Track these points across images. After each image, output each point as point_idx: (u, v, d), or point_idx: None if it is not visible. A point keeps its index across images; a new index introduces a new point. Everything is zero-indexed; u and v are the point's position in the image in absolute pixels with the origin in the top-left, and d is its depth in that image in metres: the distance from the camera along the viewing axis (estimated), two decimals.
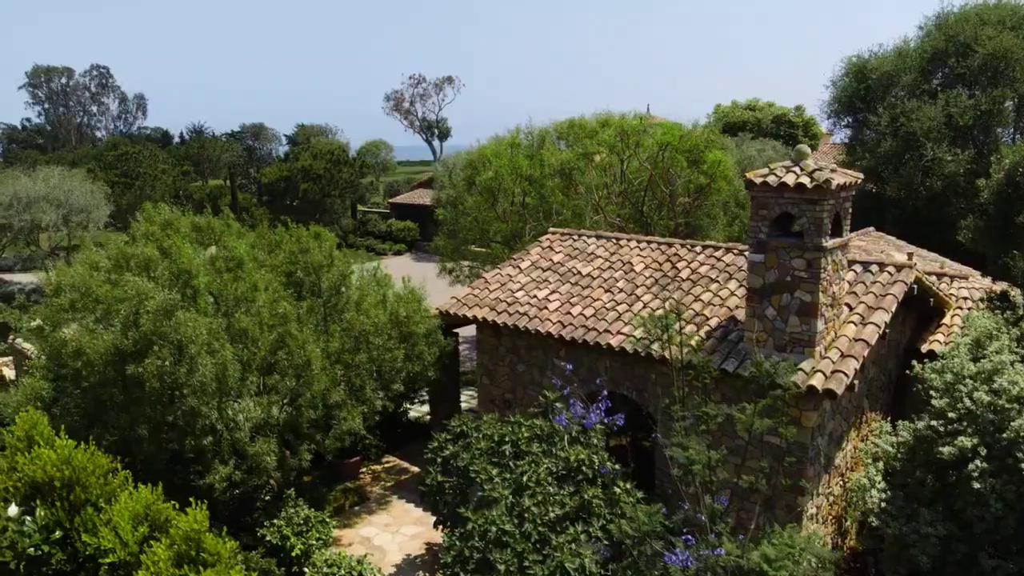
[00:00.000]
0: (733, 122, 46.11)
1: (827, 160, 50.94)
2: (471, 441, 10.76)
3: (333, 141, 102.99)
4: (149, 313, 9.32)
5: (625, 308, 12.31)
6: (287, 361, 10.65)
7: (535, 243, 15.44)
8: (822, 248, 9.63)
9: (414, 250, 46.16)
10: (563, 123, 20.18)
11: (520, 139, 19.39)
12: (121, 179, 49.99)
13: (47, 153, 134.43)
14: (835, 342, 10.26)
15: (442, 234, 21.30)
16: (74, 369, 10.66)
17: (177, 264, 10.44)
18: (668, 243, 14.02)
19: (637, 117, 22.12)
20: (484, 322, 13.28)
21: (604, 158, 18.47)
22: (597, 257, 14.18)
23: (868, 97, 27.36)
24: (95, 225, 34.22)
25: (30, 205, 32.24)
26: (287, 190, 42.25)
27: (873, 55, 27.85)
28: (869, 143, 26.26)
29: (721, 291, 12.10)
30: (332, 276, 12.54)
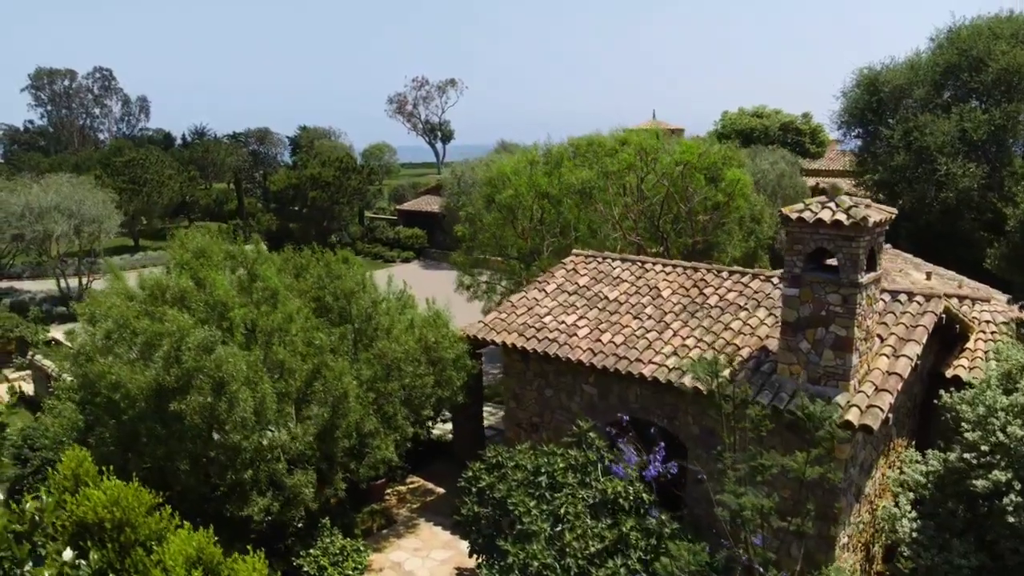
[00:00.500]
0: (740, 129, 46.23)
1: (836, 163, 51.09)
2: (506, 472, 10.85)
3: (337, 144, 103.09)
4: (191, 349, 9.39)
5: (655, 336, 12.39)
6: (323, 392, 10.73)
7: (559, 265, 15.52)
8: (858, 284, 9.72)
9: (422, 257, 46.23)
10: (581, 140, 20.27)
11: (538, 156, 19.45)
12: (129, 186, 50.06)
13: (49, 155, 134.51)
14: (868, 375, 10.34)
15: (460, 251, 21.35)
16: (108, 397, 10.75)
17: (213, 296, 10.51)
18: (694, 267, 14.10)
19: (653, 133, 22.23)
20: (512, 347, 13.36)
21: (624, 176, 18.53)
22: (623, 281, 14.27)
23: (880, 109, 27.46)
24: (106, 235, 34.28)
25: (42, 216, 32.31)
26: (295, 197, 42.29)
27: (885, 67, 27.95)
28: (881, 156, 26.34)
29: (750, 319, 12.19)
30: (363, 303, 12.61)
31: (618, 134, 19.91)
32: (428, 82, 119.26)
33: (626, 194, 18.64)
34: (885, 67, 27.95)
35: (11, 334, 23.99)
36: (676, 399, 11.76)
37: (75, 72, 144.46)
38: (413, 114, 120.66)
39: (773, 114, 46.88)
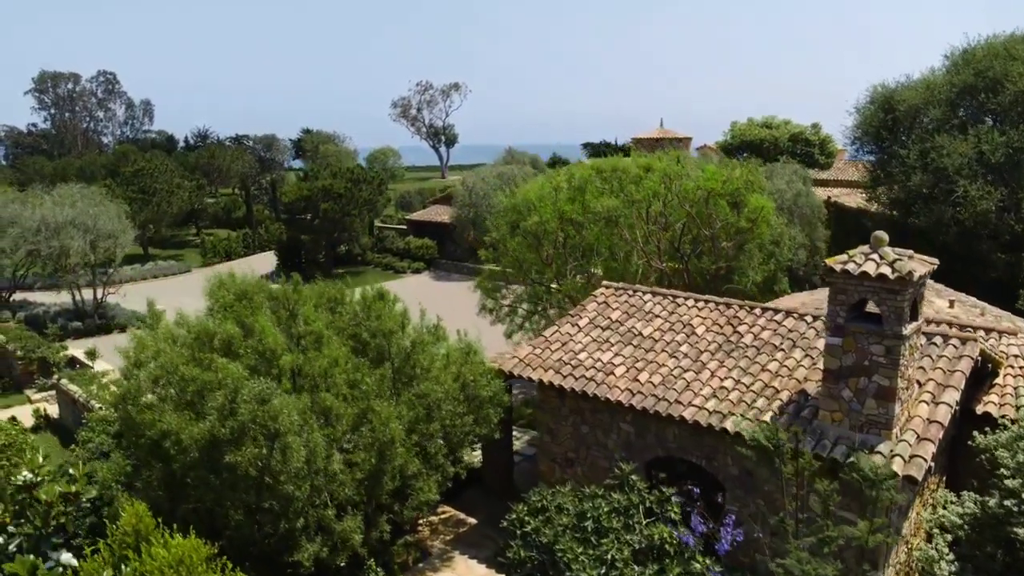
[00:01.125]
0: (749, 140, 46.39)
1: (845, 173, 51.22)
2: (551, 515, 11.00)
3: (342, 149, 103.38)
4: (246, 402, 9.54)
5: (692, 376, 12.54)
6: (370, 437, 10.87)
7: (590, 298, 15.67)
8: (902, 336, 9.87)
9: (433, 268, 46.37)
10: (605, 165, 20.43)
11: (562, 182, 19.59)
12: (139, 195, 50.17)
13: (53, 159, 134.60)
14: (909, 423, 10.49)
15: (483, 276, 21.50)
16: (155, 442, 10.89)
17: (262, 344, 10.65)
18: (727, 303, 14.26)
19: (675, 155, 22.40)
20: (549, 384, 13.50)
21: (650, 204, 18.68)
22: (656, 317, 14.42)
23: (894, 127, 27.61)
24: (121, 249, 34.39)
25: (58, 231, 32.43)
26: (307, 208, 42.41)
27: (900, 85, 28.11)
28: (896, 174, 26.49)
29: (787, 360, 12.34)
30: (402, 342, 12.75)
31: (641, 159, 20.06)
32: (432, 86, 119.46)
33: (649, 221, 18.78)
34: (900, 85, 28.11)
35: (33, 355, 24.10)
36: (715, 440, 11.91)
37: (79, 75, 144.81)
38: (417, 118, 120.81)
39: (782, 125, 47.07)
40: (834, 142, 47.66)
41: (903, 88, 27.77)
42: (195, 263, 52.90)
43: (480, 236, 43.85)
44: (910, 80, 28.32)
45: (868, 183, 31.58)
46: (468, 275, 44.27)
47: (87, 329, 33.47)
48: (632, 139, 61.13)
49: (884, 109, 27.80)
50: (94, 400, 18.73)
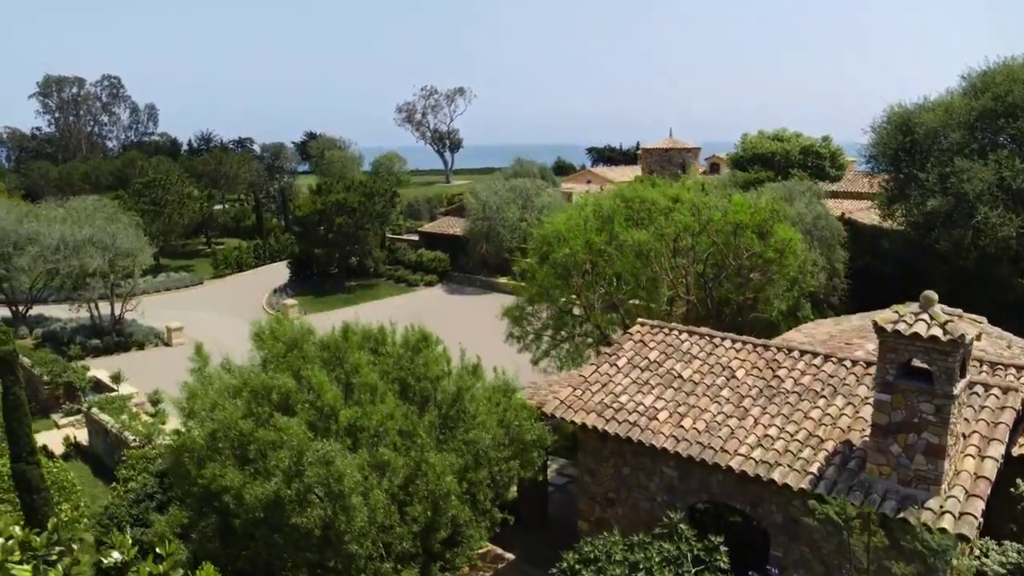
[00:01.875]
0: (761, 153, 46.59)
1: (856, 185, 51.36)
2: (603, 565, 11.18)
3: (347, 155, 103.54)
4: (312, 465, 9.71)
5: (736, 423, 12.72)
6: (425, 490, 11.05)
7: (626, 336, 15.84)
8: (952, 396, 10.04)
9: (446, 281, 46.53)
10: (634, 195, 20.58)
11: (590, 213, 19.76)
12: (151, 207, 50.31)
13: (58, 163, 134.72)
14: (956, 477, 10.67)
15: (512, 307, 21.68)
16: (210, 492, 11.07)
17: (321, 400, 10.82)
18: (764, 345, 14.43)
19: (699, 183, 22.58)
20: (593, 428, 13.68)
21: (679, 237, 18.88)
22: (694, 358, 14.59)
23: (912, 149, 27.79)
24: (140, 268, 34.53)
25: (77, 250, 32.59)
26: (320, 222, 42.58)
27: (918, 107, 28.29)
28: (915, 197, 26.69)
29: (829, 408, 12.51)
30: (449, 388, 12.92)
31: (670, 190, 20.23)
32: (437, 91, 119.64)
33: (678, 254, 18.96)
34: (918, 107, 28.29)
35: (59, 380, 24.26)
36: (761, 489, 12.09)
37: (83, 79, 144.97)
38: (422, 123, 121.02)
39: (793, 137, 47.28)
40: (844, 154, 47.88)
41: (921, 110, 27.95)
42: (206, 274, 53.06)
43: (493, 250, 44.11)
44: (928, 101, 28.52)
45: (883, 200, 31.69)
46: (481, 288, 44.49)
47: (106, 347, 33.63)
48: (641, 148, 61.50)
49: (902, 131, 27.98)
50: (127, 432, 18.89)
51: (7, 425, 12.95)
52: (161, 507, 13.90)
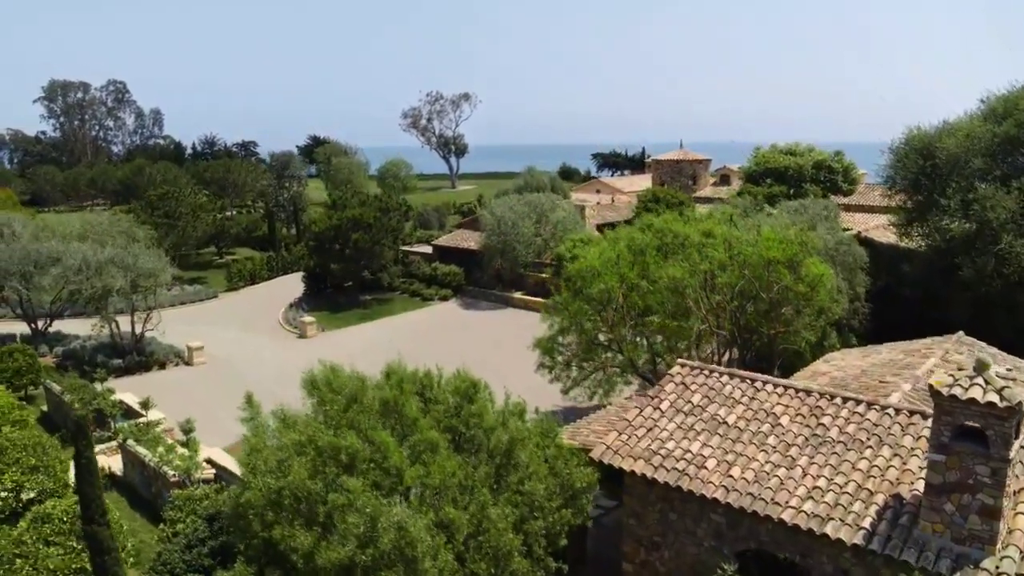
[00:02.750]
0: (774, 168, 46.80)
1: (868, 198, 51.48)
2: None
3: (354, 161, 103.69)
4: (387, 530, 9.91)
5: (784, 473, 12.92)
6: (487, 546, 11.25)
7: (667, 378, 16.05)
8: (1008, 460, 10.25)
9: (460, 295, 46.69)
10: (665, 228, 20.78)
11: (623, 248, 19.98)
12: (165, 220, 50.50)
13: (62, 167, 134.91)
14: (1009, 536, 10.88)
15: (544, 339, 21.89)
16: (268, 544, 11.28)
17: (388, 462, 11.03)
18: (806, 391, 14.63)
19: (728, 215, 22.78)
20: (642, 475, 13.88)
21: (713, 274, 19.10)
22: (737, 403, 14.79)
23: (934, 174, 28.00)
24: (161, 288, 34.70)
25: (99, 271, 32.77)
26: (336, 238, 42.78)
27: (939, 131, 28.50)
28: (936, 221, 26.91)
29: (876, 459, 12.72)
30: (502, 438, 13.12)
31: (702, 224, 20.45)
32: (442, 96, 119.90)
33: (713, 290, 19.18)
34: (939, 130, 28.51)
35: (90, 407, 24.45)
36: (811, 540, 12.28)
37: (88, 84, 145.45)
38: (427, 128, 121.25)
39: (806, 152, 47.52)
40: (856, 168, 48.10)
41: (942, 134, 28.16)
42: (220, 286, 53.24)
43: (508, 265, 44.32)
44: (948, 125, 28.74)
45: (901, 220, 31.82)
46: (497, 303, 44.70)
47: (128, 366, 33.82)
48: (652, 160, 61.79)
49: (923, 155, 28.20)
50: (165, 466, 19.09)
51: (79, 487, 13.22)
52: (214, 553, 14.10)
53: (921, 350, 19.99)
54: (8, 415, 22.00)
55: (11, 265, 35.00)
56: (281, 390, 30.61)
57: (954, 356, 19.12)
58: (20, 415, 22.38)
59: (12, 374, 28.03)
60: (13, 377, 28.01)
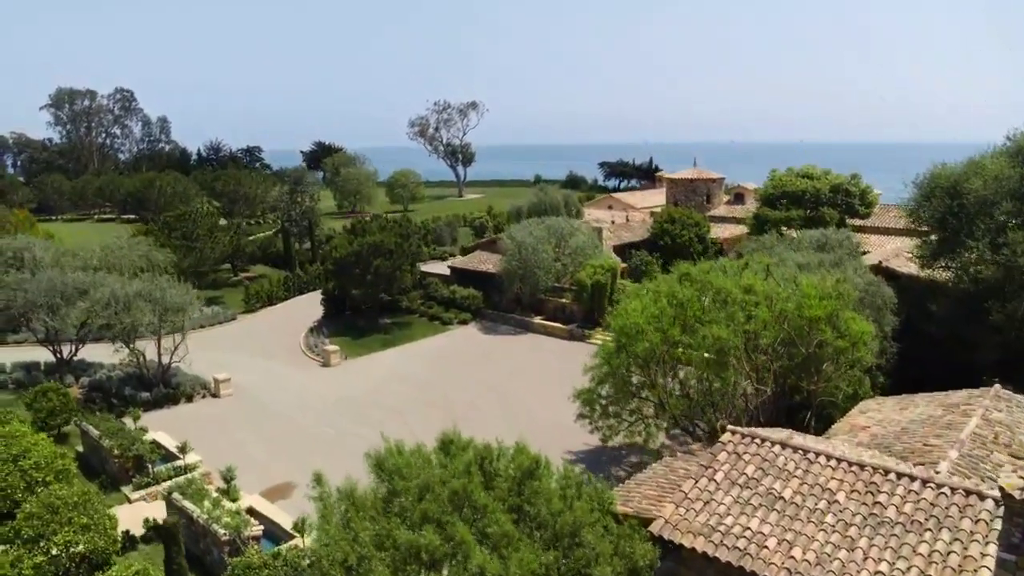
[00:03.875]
0: (791, 191, 47.00)
1: (883, 219, 51.56)
2: None
3: (363, 172, 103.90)
4: None
5: (846, 555, 13.13)
6: None
7: (719, 446, 16.26)
8: None
9: (479, 319, 46.87)
10: (707, 281, 20.98)
11: (667, 306, 20.19)
12: (183, 242, 50.71)
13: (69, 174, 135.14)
14: None
15: (586, 391, 22.11)
16: None
17: (471, 560, 11.25)
18: (860, 464, 14.84)
19: (764, 265, 22.98)
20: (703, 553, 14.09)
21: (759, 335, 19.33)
22: (791, 476, 15.01)
23: (961, 214, 28.21)
24: (189, 321, 34.83)
25: (128, 305, 32.95)
26: (357, 263, 42.98)
27: (966, 169, 28.71)
28: (964, 261, 27.13)
29: (937, 543, 12.92)
30: (568, 519, 13.33)
31: (744, 280, 20.66)
32: (450, 105, 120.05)
33: (757, 351, 19.41)
34: (966, 169, 28.72)
35: (129, 453, 24.66)
36: None
37: (95, 92, 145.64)
38: (435, 137, 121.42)
39: (822, 175, 47.72)
40: (873, 191, 48.30)
41: (969, 172, 28.35)
42: (236, 306, 53.41)
43: (528, 290, 44.51)
44: (975, 163, 28.93)
45: (925, 253, 31.91)
46: (516, 327, 44.88)
47: (155, 399, 34.00)
48: (666, 178, 62.00)
49: (950, 194, 28.42)
50: (215, 524, 19.29)
51: None
52: None
53: (960, 406, 20.19)
54: (51, 465, 22.24)
55: (38, 297, 35.16)
56: (309, 424, 30.98)
57: (994, 414, 19.35)
58: (62, 464, 22.61)
59: (46, 414, 28.23)
60: (47, 417, 28.21)
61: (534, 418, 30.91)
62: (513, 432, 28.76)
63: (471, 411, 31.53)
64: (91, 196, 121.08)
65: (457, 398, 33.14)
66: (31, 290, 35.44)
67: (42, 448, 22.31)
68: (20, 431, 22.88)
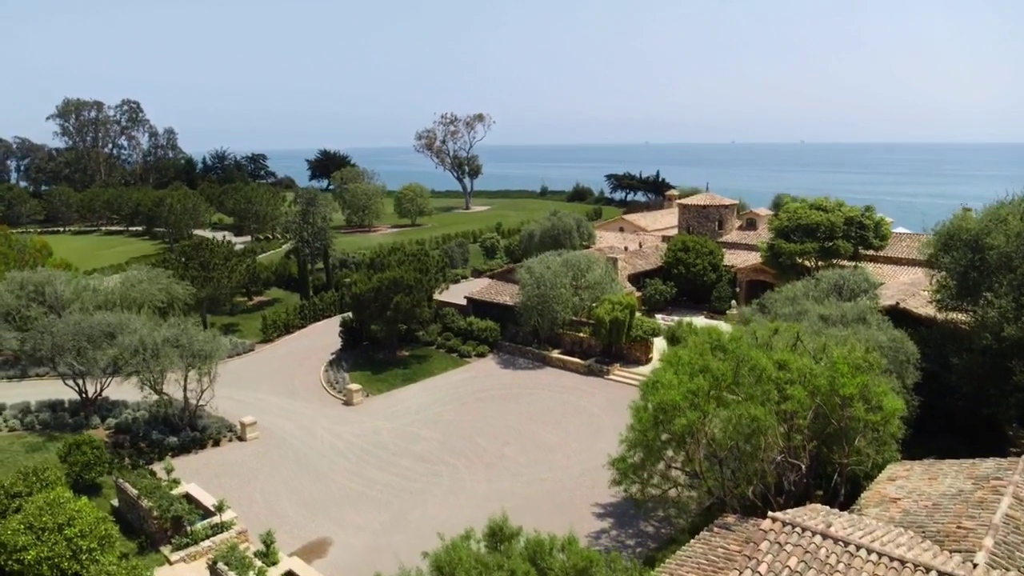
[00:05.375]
0: (805, 224, 47.35)
1: (896, 249, 51.72)
2: None
3: (371, 187, 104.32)
4: None
5: None
6: None
7: (761, 534, 16.65)
8: None
9: (496, 351, 47.24)
10: (742, 356, 21.35)
11: (702, 382, 20.56)
12: (201, 273, 51.12)
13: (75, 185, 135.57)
14: None
15: (618, 459, 22.50)
16: None
17: None
18: (901, 560, 15.24)
19: (795, 333, 23.36)
20: None
21: (794, 415, 19.72)
22: (834, 570, 15.40)
23: (983, 268, 28.57)
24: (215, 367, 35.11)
25: (156, 353, 33.34)
26: (377, 299, 43.38)
27: (987, 221, 29.05)
28: (988, 320, 27.51)
29: None
30: None
31: (777, 355, 21.04)
32: (457, 119, 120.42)
33: (793, 429, 19.80)
34: (987, 221, 29.06)
35: (167, 514, 25.06)
36: None
37: (102, 103, 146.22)
38: (442, 150, 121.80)
39: (836, 208, 48.05)
40: (887, 225, 48.64)
41: (991, 226, 28.66)
42: (252, 334, 53.86)
43: (546, 324, 44.90)
44: (996, 215, 29.26)
45: (944, 298, 32.18)
46: (534, 361, 45.28)
47: (183, 444, 34.39)
48: (679, 204, 62.36)
49: (972, 248, 28.78)
50: None
51: None
52: None
53: (990, 479, 20.56)
54: (95, 532, 22.65)
55: (65, 341, 35.56)
56: (339, 473, 31.29)
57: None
58: (105, 530, 23.02)
59: (81, 468, 28.64)
60: (82, 471, 28.62)
61: (562, 466, 31.34)
62: (544, 483, 29.42)
63: (499, 460, 31.93)
64: (100, 209, 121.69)
65: (484, 445, 33.52)
66: (57, 333, 35.84)
67: (86, 515, 22.68)
68: (64, 497, 23.28)
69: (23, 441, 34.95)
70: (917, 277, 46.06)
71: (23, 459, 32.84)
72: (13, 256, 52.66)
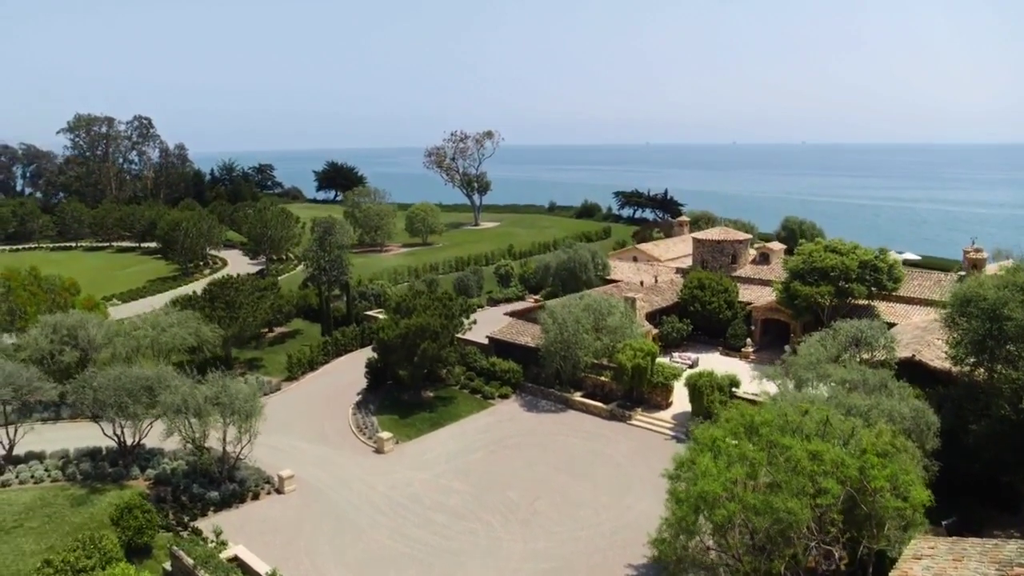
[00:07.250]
0: (820, 267, 48.50)
1: (908, 289, 52.77)
2: None
3: (383, 207, 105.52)
4: None
5: None
6: None
7: None
8: None
9: (518, 392, 48.39)
10: (775, 441, 22.49)
11: (740, 471, 21.71)
12: (227, 313, 52.27)
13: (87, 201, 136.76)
14: None
15: (658, 540, 23.64)
16: None
17: None
18: None
19: (824, 416, 24.47)
20: None
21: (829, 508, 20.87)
22: None
23: (1000, 336, 29.70)
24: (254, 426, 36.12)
25: (199, 412, 34.49)
26: (403, 345, 44.57)
27: (1004, 290, 30.15)
28: (1004, 391, 28.66)
29: None
30: None
31: (811, 445, 22.17)
32: (467, 136, 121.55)
33: (827, 522, 20.97)
34: (1004, 292, 30.16)
35: None
36: None
37: (112, 119, 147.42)
38: (451, 167, 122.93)
39: (850, 251, 49.17)
40: (900, 267, 49.77)
41: (1007, 295, 29.74)
42: (276, 370, 54.97)
43: (568, 367, 46.07)
44: (1013, 282, 30.35)
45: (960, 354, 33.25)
46: (557, 404, 46.46)
47: (223, 498, 35.49)
48: (693, 239, 63.46)
49: (989, 318, 29.91)
50: None
51: None
52: None
53: (1013, 565, 21.70)
54: None
55: (107, 396, 36.71)
56: (379, 532, 32.36)
57: None
58: None
59: (133, 533, 29.81)
60: (134, 536, 29.80)
61: (593, 523, 32.55)
62: (578, 543, 30.62)
63: (533, 516, 33.13)
64: (112, 226, 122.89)
65: (516, 499, 34.70)
66: (99, 388, 36.99)
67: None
68: (127, 573, 24.50)
69: (67, 494, 36.06)
70: (930, 318, 47.11)
71: (70, 515, 34.02)
72: (43, 297, 53.79)
